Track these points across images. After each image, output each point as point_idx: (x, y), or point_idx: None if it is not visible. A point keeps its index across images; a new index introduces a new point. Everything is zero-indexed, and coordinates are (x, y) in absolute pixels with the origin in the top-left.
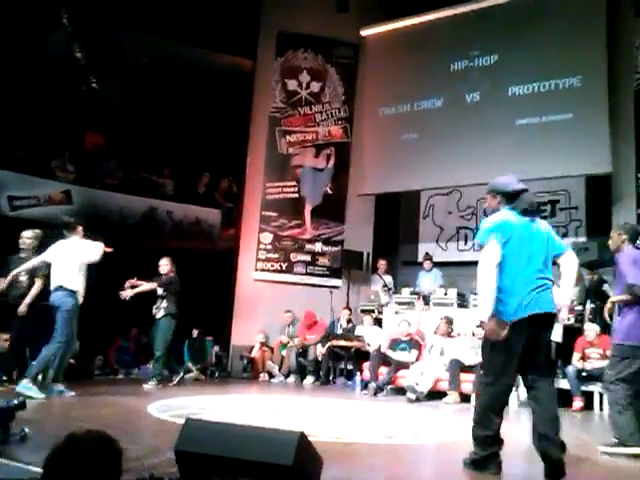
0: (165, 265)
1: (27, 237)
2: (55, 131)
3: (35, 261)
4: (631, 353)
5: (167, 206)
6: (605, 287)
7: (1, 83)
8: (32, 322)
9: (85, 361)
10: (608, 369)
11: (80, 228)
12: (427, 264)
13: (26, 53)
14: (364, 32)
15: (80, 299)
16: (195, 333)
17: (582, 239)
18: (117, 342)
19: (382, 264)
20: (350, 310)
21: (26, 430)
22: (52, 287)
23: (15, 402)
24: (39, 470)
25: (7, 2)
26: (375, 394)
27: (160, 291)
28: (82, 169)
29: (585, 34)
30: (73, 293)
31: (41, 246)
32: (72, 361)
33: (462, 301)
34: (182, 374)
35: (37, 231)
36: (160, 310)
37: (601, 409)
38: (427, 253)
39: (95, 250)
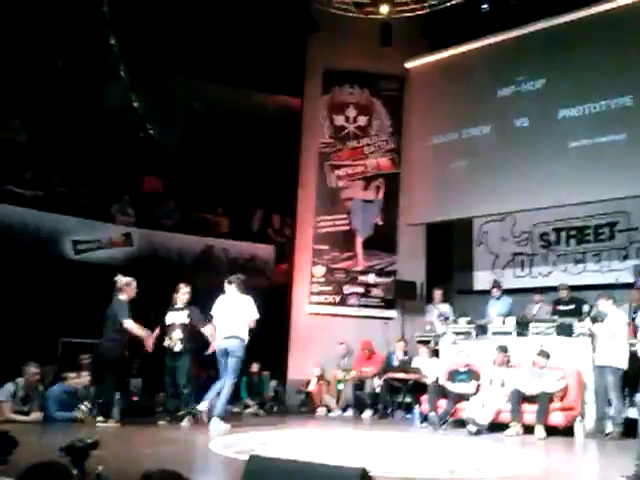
0: (186, 289)
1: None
2: (115, 177)
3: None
4: None
5: (223, 244)
6: None
7: (64, 134)
8: None
9: (147, 398)
10: None
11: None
12: (495, 292)
13: (86, 104)
14: (409, 64)
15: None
16: (255, 367)
17: None
18: None
19: (438, 294)
20: (405, 342)
21: (100, 468)
22: (225, 335)
23: (89, 441)
24: None
25: (70, 55)
26: (440, 426)
27: (183, 320)
28: (141, 212)
29: (633, 51)
30: (244, 341)
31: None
32: (135, 398)
33: (521, 329)
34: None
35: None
36: (179, 342)
37: None
38: (495, 280)
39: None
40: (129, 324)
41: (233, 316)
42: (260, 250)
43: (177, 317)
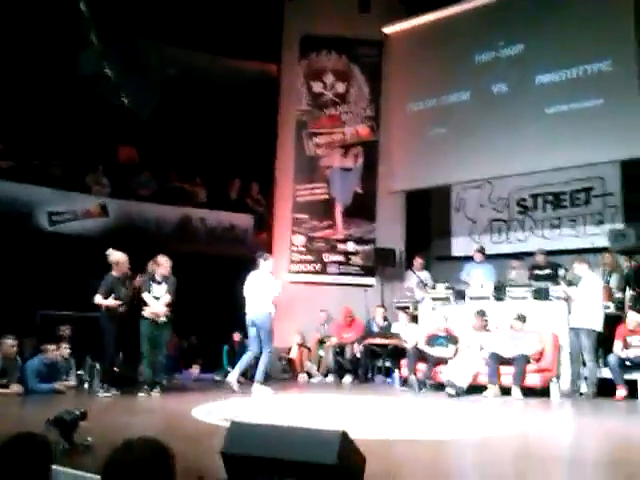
0: (167, 264)
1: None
2: (89, 147)
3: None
4: None
5: (201, 214)
6: None
7: (37, 104)
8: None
9: (128, 368)
10: None
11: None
12: (478, 257)
13: (58, 73)
14: (387, 30)
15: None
16: (236, 337)
17: (619, 226)
18: None
19: (418, 261)
20: (385, 308)
21: (89, 439)
22: (252, 308)
23: (77, 412)
24: (97, 477)
25: (39, 24)
26: (419, 389)
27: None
28: (117, 182)
29: (612, 16)
30: (270, 314)
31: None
32: (116, 369)
33: (498, 294)
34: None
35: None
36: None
37: None
38: (481, 246)
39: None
40: (96, 299)
41: (259, 290)
42: (238, 219)
43: (160, 290)
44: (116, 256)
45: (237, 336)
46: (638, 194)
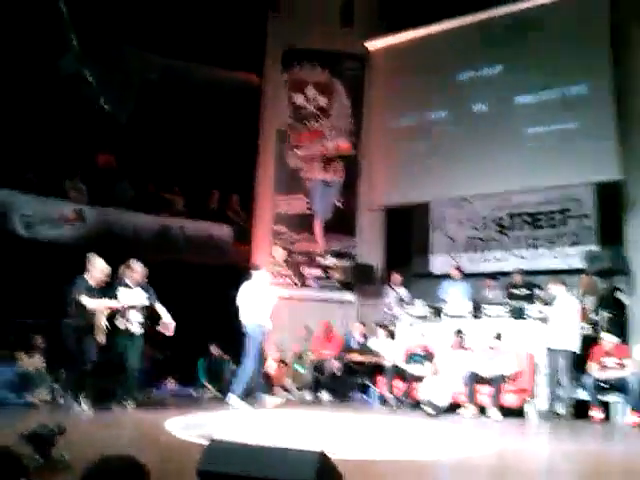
0: (142, 271)
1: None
2: (67, 152)
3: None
4: None
5: (180, 222)
6: (619, 295)
7: (14, 106)
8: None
9: (103, 380)
10: None
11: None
12: (456, 274)
13: (37, 76)
14: (369, 45)
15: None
16: (214, 350)
17: (594, 247)
18: None
19: (396, 277)
20: (364, 324)
21: (65, 456)
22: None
23: (54, 428)
24: None
25: (18, 26)
26: (397, 407)
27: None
28: (94, 189)
29: (588, 41)
30: (261, 326)
31: None
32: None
33: (476, 312)
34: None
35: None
36: (137, 325)
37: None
38: (457, 264)
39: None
40: (90, 304)
41: (251, 301)
42: (218, 230)
43: (134, 298)
44: (100, 265)
45: (215, 349)
46: (612, 216)
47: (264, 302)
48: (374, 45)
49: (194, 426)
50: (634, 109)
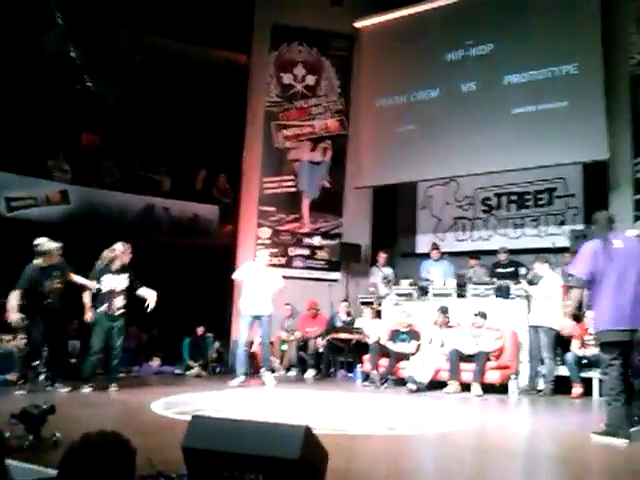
0: (129, 253)
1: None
2: (51, 131)
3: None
4: (613, 337)
5: (164, 203)
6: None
7: None
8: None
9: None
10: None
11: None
12: (435, 254)
13: (21, 54)
14: (358, 24)
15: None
16: (199, 331)
17: (580, 226)
18: None
19: (382, 257)
20: (349, 303)
21: (57, 435)
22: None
23: (45, 406)
24: (54, 472)
25: (2, 3)
26: (381, 384)
27: (124, 285)
28: (78, 169)
29: (579, 21)
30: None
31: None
32: (73, 360)
33: (461, 291)
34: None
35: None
36: (120, 310)
37: (600, 395)
38: (435, 243)
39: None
40: (10, 300)
41: (263, 284)
42: (203, 210)
43: (117, 282)
44: (48, 246)
45: (201, 329)
46: (598, 196)
47: (274, 283)
48: (363, 24)
49: (179, 404)
50: (620, 89)
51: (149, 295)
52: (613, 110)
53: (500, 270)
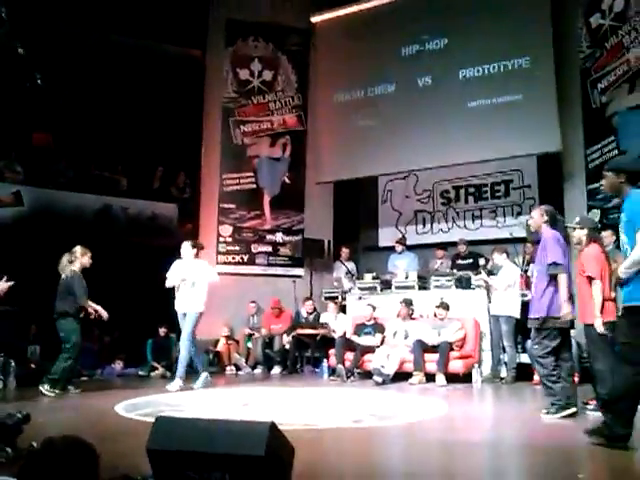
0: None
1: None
2: (1, 131)
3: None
4: (554, 325)
5: (122, 202)
6: None
7: None
8: None
9: (47, 364)
10: (535, 345)
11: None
12: (399, 247)
13: None
14: (314, 19)
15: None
16: (162, 331)
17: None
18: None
19: (345, 251)
20: (312, 300)
21: (34, 444)
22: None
23: (19, 416)
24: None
25: None
26: (347, 378)
27: None
28: (31, 169)
29: (531, 15)
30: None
31: None
32: (33, 365)
33: (423, 283)
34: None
35: None
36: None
37: None
38: (403, 236)
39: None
40: None
41: (193, 279)
42: (162, 209)
43: None
44: None
45: (163, 330)
46: (553, 186)
47: (205, 278)
48: (319, 19)
49: (143, 406)
50: (571, 82)
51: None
52: (565, 103)
53: (460, 262)
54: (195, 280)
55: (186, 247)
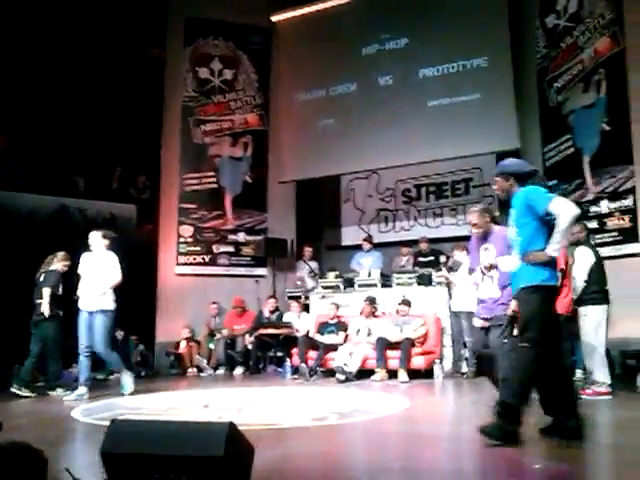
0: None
1: None
2: None
3: None
4: None
5: (79, 203)
6: None
7: None
8: None
9: (1, 371)
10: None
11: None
12: (366, 245)
13: None
14: (274, 18)
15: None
16: (119, 335)
17: (495, 214)
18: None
19: (308, 250)
20: (275, 299)
21: None
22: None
23: None
24: None
25: None
26: (310, 377)
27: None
28: None
29: (488, 16)
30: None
31: None
32: None
33: (385, 281)
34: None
35: None
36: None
37: None
38: (369, 235)
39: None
40: None
41: (96, 274)
42: (120, 209)
43: None
44: None
45: (119, 333)
46: None
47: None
48: (280, 18)
49: (101, 410)
50: (528, 81)
51: None
52: (523, 102)
53: (422, 259)
54: (101, 274)
55: (95, 237)
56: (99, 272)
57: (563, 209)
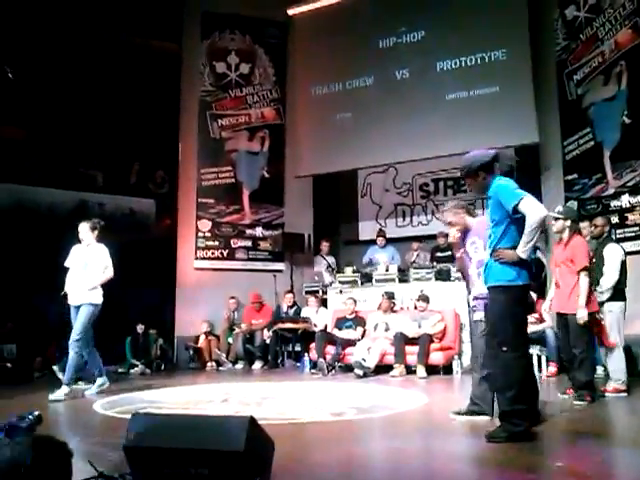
0: None
1: None
2: None
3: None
4: None
5: (98, 198)
6: (538, 254)
7: None
8: None
9: (24, 363)
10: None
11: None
12: (380, 241)
13: None
14: (291, 11)
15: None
16: (139, 329)
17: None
18: (54, 342)
19: (325, 245)
20: (293, 294)
21: None
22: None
23: (31, 417)
24: None
25: None
26: (328, 372)
27: None
28: (2, 165)
29: (507, 7)
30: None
31: None
32: (9, 365)
33: (403, 276)
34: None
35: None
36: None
37: (539, 371)
38: (381, 229)
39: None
40: None
41: (79, 266)
42: (139, 204)
43: None
44: None
45: (140, 327)
46: (531, 177)
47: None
48: (296, 11)
49: (122, 403)
50: (548, 74)
51: None
52: (542, 95)
53: (439, 254)
54: (88, 267)
55: (84, 228)
56: (89, 265)
57: (531, 210)
